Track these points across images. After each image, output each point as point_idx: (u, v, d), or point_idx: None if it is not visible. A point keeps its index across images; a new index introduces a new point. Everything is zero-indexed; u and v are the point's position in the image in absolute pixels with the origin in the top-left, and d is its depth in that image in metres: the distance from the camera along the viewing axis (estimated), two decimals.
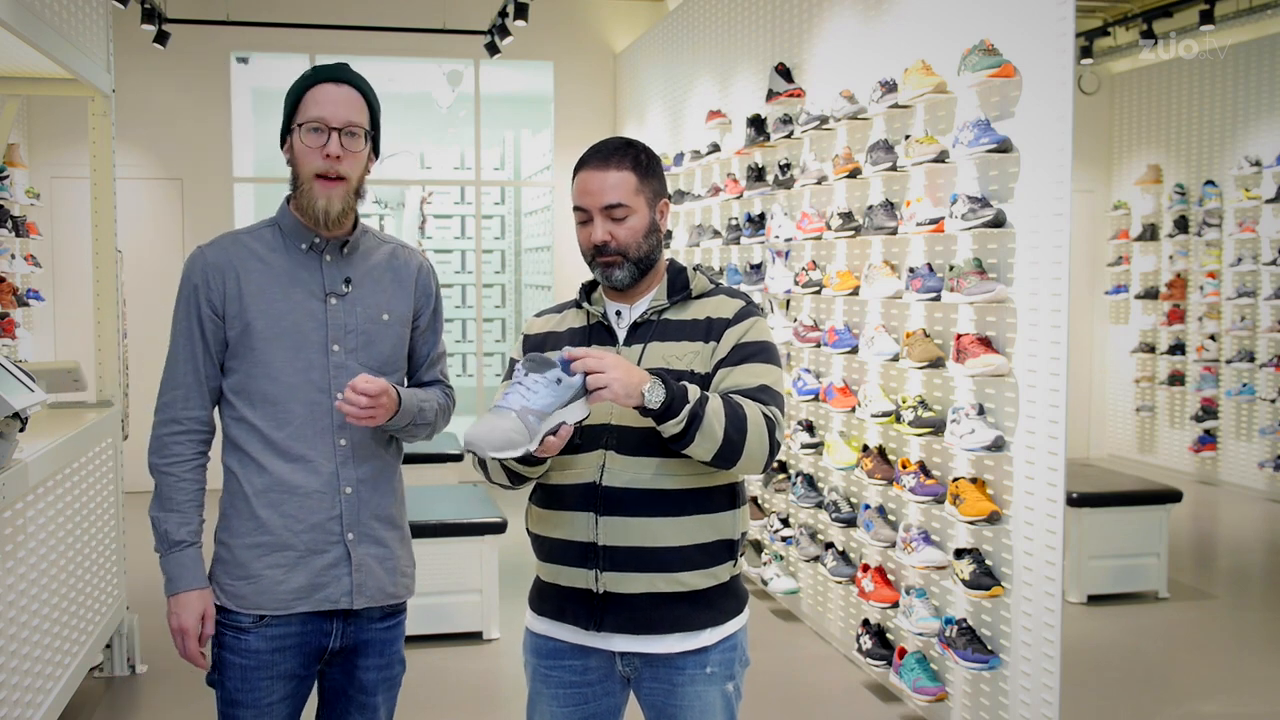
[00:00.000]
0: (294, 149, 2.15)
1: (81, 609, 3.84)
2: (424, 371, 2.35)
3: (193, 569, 2.14)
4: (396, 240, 2.34)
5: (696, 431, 1.92)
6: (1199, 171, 8.59)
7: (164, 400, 2.17)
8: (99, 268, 4.48)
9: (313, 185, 2.13)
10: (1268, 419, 7.92)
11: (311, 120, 2.11)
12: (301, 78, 2.18)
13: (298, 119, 2.13)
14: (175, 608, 2.13)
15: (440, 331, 2.38)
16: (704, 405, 1.92)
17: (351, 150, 2.13)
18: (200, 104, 8.30)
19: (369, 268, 2.23)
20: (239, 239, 2.19)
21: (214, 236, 2.23)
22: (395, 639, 2.28)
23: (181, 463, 2.15)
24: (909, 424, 3.98)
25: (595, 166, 2.09)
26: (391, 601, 2.25)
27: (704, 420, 1.91)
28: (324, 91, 2.13)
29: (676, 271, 2.17)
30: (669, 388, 1.91)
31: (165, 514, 2.14)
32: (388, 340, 2.23)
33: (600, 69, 8.98)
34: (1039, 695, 3.46)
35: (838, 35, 4.85)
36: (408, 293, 2.28)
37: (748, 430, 1.95)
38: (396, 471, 2.29)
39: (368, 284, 2.21)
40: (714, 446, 1.94)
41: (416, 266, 2.31)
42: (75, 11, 3.97)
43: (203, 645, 2.16)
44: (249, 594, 2.14)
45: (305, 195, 2.14)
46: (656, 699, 2.12)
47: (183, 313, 2.16)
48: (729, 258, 6.06)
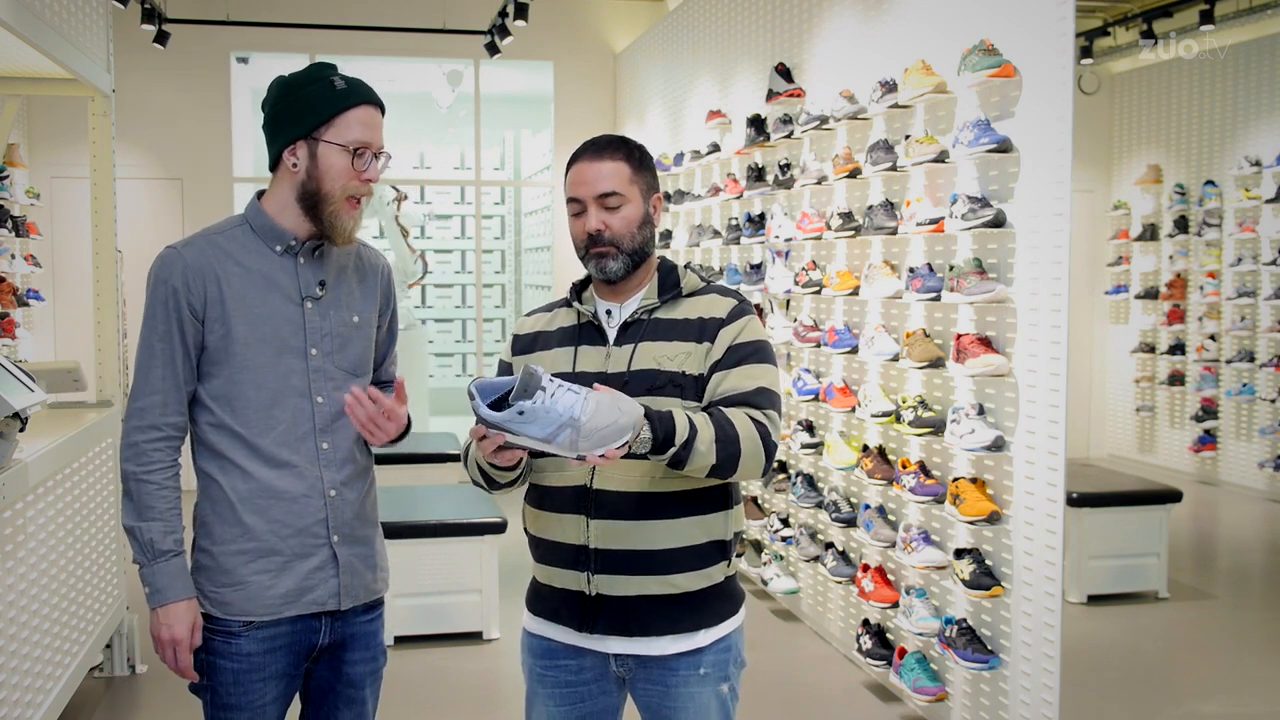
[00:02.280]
0: (320, 162, 2.10)
1: (81, 609, 3.84)
2: (383, 371, 2.36)
3: (181, 578, 2.09)
4: (359, 240, 2.33)
5: (686, 466, 1.92)
6: (1199, 171, 8.59)
7: (140, 405, 2.09)
8: (99, 268, 4.48)
9: (342, 206, 2.12)
10: (1268, 419, 7.91)
11: (357, 143, 2.10)
12: (329, 88, 2.11)
13: (331, 135, 2.09)
14: (165, 619, 2.07)
15: (396, 332, 2.40)
16: (690, 447, 1.90)
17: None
18: (200, 104, 8.30)
19: (338, 270, 2.22)
20: (214, 240, 2.14)
21: (185, 237, 2.19)
22: (377, 631, 2.30)
23: (162, 469, 2.10)
24: (909, 424, 3.98)
25: (589, 157, 2.09)
26: (373, 597, 2.27)
27: (692, 457, 1.91)
28: (368, 115, 2.12)
29: (667, 270, 2.17)
30: (655, 437, 1.88)
31: (146, 523, 2.07)
32: (359, 342, 2.23)
33: (600, 69, 8.98)
34: (1039, 695, 3.46)
35: (838, 35, 4.85)
36: (373, 294, 2.29)
37: (740, 451, 1.95)
38: (372, 471, 2.30)
39: (339, 287, 2.21)
40: (706, 468, 1.95)
41: (381, 268, 2.32)
42: (75, 11, 3.97)
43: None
44: (236, 600, 2.11)
45: (333, 214, 2.12)
46: (651, 700, 2.12)
47: (160, 316, 2.09)
48: (729, 258, 6.06)
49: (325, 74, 2.14)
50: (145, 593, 2.10)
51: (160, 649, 2.11)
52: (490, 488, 2.14)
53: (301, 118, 2.11)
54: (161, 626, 2.08)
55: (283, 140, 2.13)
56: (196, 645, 2.11)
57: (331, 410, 2.17)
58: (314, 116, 2.10)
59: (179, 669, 2.11)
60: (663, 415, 1.90)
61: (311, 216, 2.14)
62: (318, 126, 2.10)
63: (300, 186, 2.13)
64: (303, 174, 2.12)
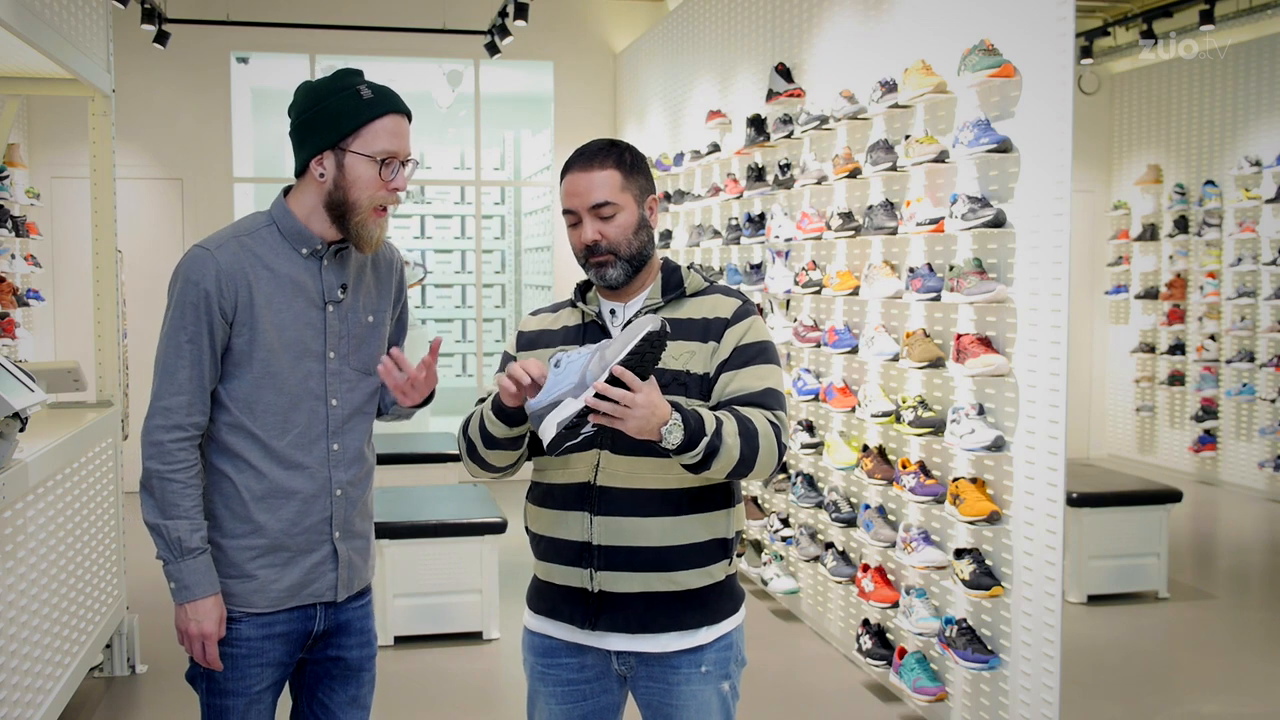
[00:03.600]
0: (347, 172, 2.10)
1: (81, 609, 3.84)
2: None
3: (208, 575, 2.12)
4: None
5: (714, 461, 1.93)
6: (1199, 171, 8.59)
7: (165, 405, 2.09)
8: (99, 268, 4.48)
9: (369, 215, 2.13)
10: (1268, 419, 7.91)
11: (384, 153, 2.11)
12: (356, 97, 2.10)
13: (358, 145, 2.09)
14: (194, 614, 2.10)
15: (406, 322, 2.42)
16: (720, 436, 1.92)
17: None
18: (200, 104, 8.30)
19: (358, 270, 2.24)
20: (244, 244, 2.14)
21: (210, 234, 2.19)
22: (368, 615, 2.34)
23: (186, 469, 2.11)
24: (909, 424, 3.98)
25: (580, 168, 2.10)
26: (364, 585, 2.33)
27: (722, 449, 1.92)
28: (396, 124, 2.13)
29: (670, 270, 2.18)
30: (688, 426, 1.89)
31: (173, 520, 2.09)
32: (374, 341, 2.26)
33: (600, 69, 8.98)
34: (1039, 695, 3.46)
35: (838, 35, 4.85)
36: (388, 289, 2.31)
37: (759, 447, 1.97)
38: (374, 468, 2.34)
39: (358, 288, 2.24)
40: (728, 468, 1.96)
41: (395, 262, 2.35)
42: (75, 11, 3.97)
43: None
44: (241, 592, 2.16)
45: (360, 224, 2.13)
46: (652, 698, 2.12)
47: (190, 317, 2.08)
48: (729, 258, 6.06)
49: (352, 82, 2.13)
50: (170, 588, 2.12)
51: (188, 643, 2.14)
52: (480, 464, 2.17)
53: (328, 128, 2.11)
54: (190, 622, 2.11)
55: (310, 149, 2.13)
56: (222, 637, 2.15)
57: (344, 412, 2.21)
58: (341, 127, 2.10)
59: (206, 662, 2.15)
60: (690, 410, 1.93)
61: (339, 224, 2.15)
62: (345, 137, 2.10)
63: (328, 195, 2.13)
64: (330, 183, 2.12)
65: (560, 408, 1.90)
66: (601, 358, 1.88)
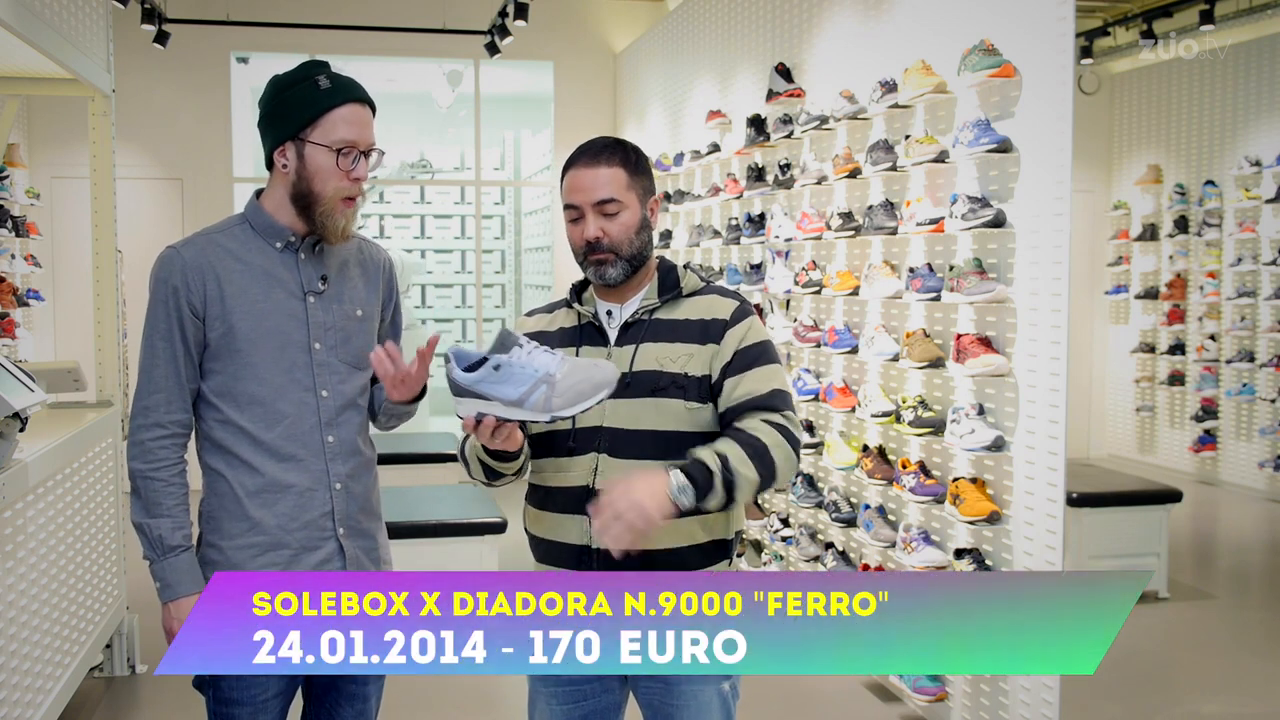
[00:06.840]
0: (307, 163, 2.11)
1: (81, 609, 3.84)
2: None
3: (191, 573, 2.12)
4: (359, 234, 2.34)
5: (735, 493, 1.94)
6: (1199, 171, 8.59)
7: (144, 404, 2.12)
8: (99, 268, 4.48)
9: (336, 206, 2.13)
10: (1268, 419, 7.91)
11: (342, 142, 2.11)
12: (314, 88, 2.12)
13: (316, 135, 2.10)
14: (177, 613, 2.10)
15: (400, 326, 2.41)
16: (730, 470, 1.92)
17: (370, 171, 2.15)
18: (200, 104, 8.30)
19: (340, 264, 2.24)
20: (213, 239, 2.16)
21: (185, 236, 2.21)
22: None
23: (168, 467, 2.12)
24: (909, 424, 3.98)
25: (586, 164, 2.09)
26: None
27: (739, 480, 1.93)
28: (354, 113, 2.12)
29: (667, 270, 2.18)
30: (693, 478, 1.89)
31: (155, 520, 2.10)
32: (362, 336, 2.25)
33: (600, 69, 8.98)
34: (1039, 695, 3.46)
35: (838, 35, 4.85)
36: (376, 288, 2.30)
37: (775, 459, 1.98)
38: (375, 463, 2.32)
39: (341, 281, 2.23)
40: (753, 493, 1.98)
41: (383, 262, 2.34)
42: (75, 11, 3.97)
43: None
44: None
45: (325, 215, 2.13)
46: (653, 698, 2.12)
47: (161, 315, 2.11)
48: (729, 258, 6.06)
49: (312, 73, 2.14)
50: (156, 588, 2.13)
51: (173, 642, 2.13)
52: (490, 479, 2.14)
53: (287, 119, 2.12)
54: (173, 620, 2.11)
55: (272, 141, 2.16)
56: None
57: (336, 404, 2.19)
58: (298, 117, 2.11)
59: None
60: (686, 462, 1.92)
61: (304, 216, 2.15)
62: (303, 127, 2.11)
63: (292, 187, 2.14)
64: (293, 175, 2.13)
65: (488, 404, 1.86)
66: (550, 390, 1.80)
